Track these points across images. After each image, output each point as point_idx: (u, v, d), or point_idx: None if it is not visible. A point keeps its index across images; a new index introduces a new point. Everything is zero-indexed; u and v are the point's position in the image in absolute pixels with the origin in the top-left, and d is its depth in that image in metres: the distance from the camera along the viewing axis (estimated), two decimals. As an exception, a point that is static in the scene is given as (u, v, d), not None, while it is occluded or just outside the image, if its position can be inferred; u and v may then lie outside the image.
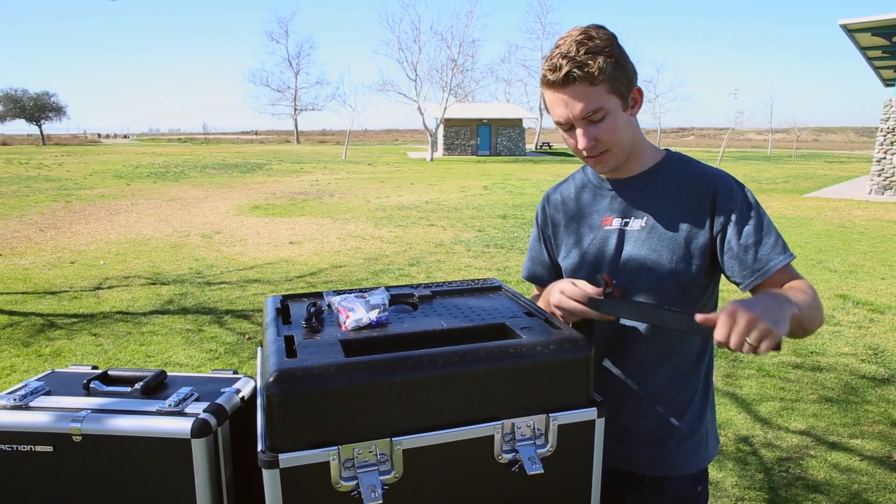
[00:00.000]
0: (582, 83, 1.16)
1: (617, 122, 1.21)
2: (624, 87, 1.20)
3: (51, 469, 1.13)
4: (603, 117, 1.19)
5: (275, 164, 28.39)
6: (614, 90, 1.18)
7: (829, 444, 3.27)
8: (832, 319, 5.44)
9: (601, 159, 1.25)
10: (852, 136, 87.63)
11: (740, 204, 1.23)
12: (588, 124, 1.20)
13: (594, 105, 1.17)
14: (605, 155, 1.24)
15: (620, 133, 1.22)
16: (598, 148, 1.23)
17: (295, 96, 65.93)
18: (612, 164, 1.27)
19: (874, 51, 14.82)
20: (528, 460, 1.04)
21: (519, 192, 16.61)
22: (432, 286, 1.47)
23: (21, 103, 62.11)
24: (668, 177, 1.30)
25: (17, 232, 9.78)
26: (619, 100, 1.20)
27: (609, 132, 1.21)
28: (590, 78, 1.15)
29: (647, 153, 1.33)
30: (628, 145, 1.26)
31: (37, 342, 4.79)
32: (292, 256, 8.04)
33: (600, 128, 1.20)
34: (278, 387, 0.94)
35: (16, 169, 23.69)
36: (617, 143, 1.23)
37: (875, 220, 11.32)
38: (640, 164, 1.32)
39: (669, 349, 1.30)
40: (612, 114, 1.20)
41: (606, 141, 1.22)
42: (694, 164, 1.32)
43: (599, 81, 1.16)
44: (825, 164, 31.22)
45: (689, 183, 1.28)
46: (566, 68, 1.15)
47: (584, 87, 1.16)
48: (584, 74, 1.15)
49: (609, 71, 1.16)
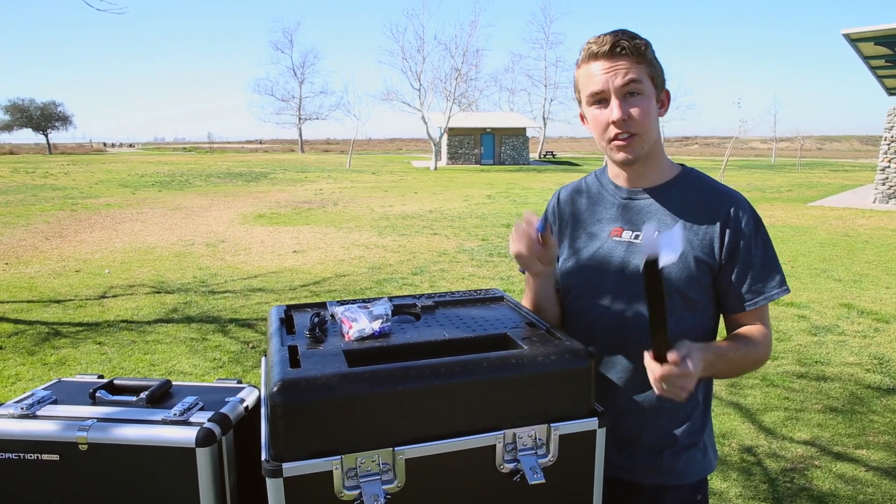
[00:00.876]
0: (628, 56, 1.20)
1: (650, 105, 1.23)
2: (659, 80, 1.24)
3: (57, 477, 1.14)
4: (640, 94, 1.21)
5: (279, 172, 28.51)
6: (652, 77, 1.22)
7: (835, 455, 3.26)
8: (836, 329, 5.42)
9: (628, 142, 1.23)
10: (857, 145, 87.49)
11: (751, 230, 1.25)
12: (625, 98, 1.21)
13: (636, 75, 1.20)
14: (633, 138, 1.23)
15: (651, 118, 1.23)
16: (628, 126, 1.22)
17: (299, 105, 66.28)
18: (637, 151, 1.25)
19: (877, 60, 14.82)
20: (529, 470, 1.04)
21: (522, 201, 16.64)
22: (435, 296, 1.48)
23: (28, 113, 62.60)
24: (683, 193, 1.30)
25: (22, 240, 9.83)
26: (654, 89, 1.23)
27: (642, 112, 1.21)
28: (637, 53, 1.20)
29: (664, 166, 1.33)
30: (653, 138, 1.26)
31: (42, 350, 4.81)
32: (296, 265, 8.06)
33: (636, 105, 1.21)
34: (282, 396, 0.95)
35: (22, 178, 23.85)
36: (646, 128, 1.23)
37: (880, 229, 11.29)
38: (658, 176, 1.32)
39: None
40: (648, 97, 1.22)
41: (638, 121, 1.21)
42: (710, 183, 1.32)
43: (643, 61, 1.21)
44: (829, 173, 31.18)
45: (704, 202, 1.29)
46: (613, 40, 1.20)
47: (629, 60, 1.20)
48: (632, 46, 1.19)
49: (650, 57, 1.22)
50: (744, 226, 1.25)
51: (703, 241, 1.26)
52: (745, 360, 1.25)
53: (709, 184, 1.32)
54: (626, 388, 1.32)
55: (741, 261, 1.25)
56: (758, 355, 1.26)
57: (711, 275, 1.27)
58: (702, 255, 1.25)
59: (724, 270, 1.26)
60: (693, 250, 1.25)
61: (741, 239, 1.25)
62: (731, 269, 1.25)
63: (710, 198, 1.29)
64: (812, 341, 5.10)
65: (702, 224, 1.26)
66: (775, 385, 4.17)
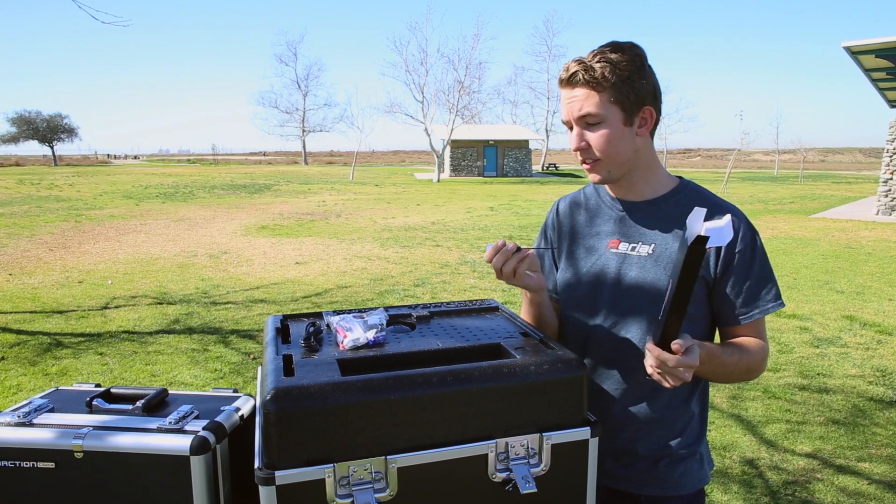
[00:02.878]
0: (584, 87, 1.21)
1: (611, 132, 1.23)
2: (630, 102, 1.22)
3: (52, 485, 1.15)
4: (598, 124, 1.23)
5: (282, 184, 28.62)
6: (617, 101, 1.21)
7: (837, 468, 3.24)
8: (839, 341, 5.40)
9: (592, 167, 1.28)
10: (859, 157, 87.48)
11: (747, 245, 1.25)
12: (585, 127, 1.24)
13: (590, 109, 1.21)
14: (596, 164, 1.27)
15: (613, 145, 1.24)
16: (588, 154, 1.26)
17: (303, 118, 66.66)
18: (602, 175, 1.29)
19: (878, 72, 14.86)
20: (521, 479, 1.05)
21: (525, 213, 16.66)
22: (430, 306, 1.49)
23: (34, 125, 63.06)
24: (680, 206, 1.30)
25: (27, 251, 9.88)
26: (621, 112, 1.22)
27: (601, 140, 1.23)
28: (592, 83, 1.20)
29: (661, 179, 1.33)
30: (624, 161, 1.27)
31: (43, 361, 4.82)
32: (298, 277, 8.08)
33: (593, 134, 1.24)
34: (275, 405, 0.96)
35: (27, 189, 23.99)
36: (609, 153, 1.25)
37: (882, 241, 11.27)
38: (653, 190, 1.33)
39: None
40: (609, 123, 1.22)
41: (597, 148, 1.24)
42: (707, 196, 1.32)
43: (602, 88, 1.20)
44: (832, 185, 31.17)
45: None
46: (573, 69, 1.21)
47: (585, 91, 1.21)
48: (588, 78, 1.20)
49: (613, 81, 1.20)
50: (739, 240, 1.25)
51: None
52: (738, 366, 1.25)
53: (706, 197, 1.32)
54: (622, 398, 1.33)
55: (736, 274, 1.25)
56: (751, 363, 1.26)
57: (706, 287, 1.27)
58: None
59: (718, 283, 1.26)
60: None
61: (737, 253, 1.25)
62: (726, 283, 1.26)
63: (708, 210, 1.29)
64: (814, 353, 5.08)
65: None
66: (777, 397, 4.15)
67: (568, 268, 1.40)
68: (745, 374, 1.28)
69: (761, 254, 1.27)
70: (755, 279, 1.26)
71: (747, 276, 1.25)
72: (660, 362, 1.07)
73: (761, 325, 1.29)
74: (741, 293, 1.25)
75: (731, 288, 1.26)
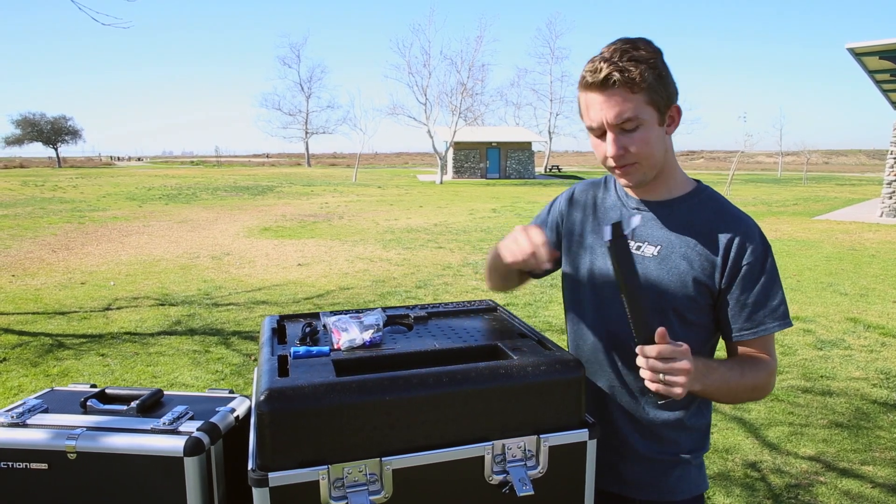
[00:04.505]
0: (621, 88, 1.13)
1: (650, 134, 1.17)
2: (663, 101, 1.17)
3: (45, 486, 1.14)
4: (636, 127, 1.16)
5: (285, 186, 28.66)
6: (652, 102, 1.16)
7: (840, 471, 3.21)
8: (842, 343, 5.37)
9: (628, 171, 1.21)
10: (863, 159, 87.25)
11: (756, 259, 1.21)
12: (620, 132, 1.17)
13: (630, 113, 1.14)
14: (632, 167, 1.20)
15: (652, 147, 1.19)
16: (626, 159, 1.19)
17: (306, 120, 66.77)
18: (638, 178, 1.23)
19: (882, 74, 14.82)
20: (518, 482, 1.04)
21: (528, 214, 16.64)
22: (428, 307, 1.48)
23: (39, 127, 63.32)
24: (693, 211, 1.27)
25: (30, 253, 9.90)
26: (656, 113, 1.17)
27: (640, 143, 1.17)
28: (629, 84, 1.13)
29: (677, 181, 1.30)
30: (659, 162, 1.22)
31: (45, 362, 4.82)
32: (300, 278, 8.07)
33: (632, 138, 1.17)
34: (269, 405, 0.95)
35: (31, 191, 24.07)
36: (647, 156, 1.19)
37: (886, 243, 11.22)
38: (668, 191, 1.29)
39: None
40: (647, 125, 1.17)
41: (636, 152, 1.18)
42: (722, 205, 1.27)
43: (639, 90, 1.14)
44: (836, 187, 31.07)
45: (713, 223, 1.24)
46: (606, 71, 1.13)
47: (622, 93, 1.14)
48: (624, 80, 1.13)
49: (650, 81, 1.14)
50: (749, 253, 1.20)
51: (704, 263, 1.22)
52: (742, 383, 1.20)
53: (722, 204, 1.27)
54: (621, 400, 1.31)
55: (742, 287, 1.21)
56: (757, 381, 1.22)
57: (711, 297, 1.24)
58: (701, 277, 1.22)
59: (722, 296, 1.23)
60: (693, 270, 1.22)
61: (744, 267, 1.20)
62: (732, 294, 1.22)
63: (720, 220, 1.24)
64: (817, 356, 5.05)
65: (706, 245, 1.23)
66: (780, 400, 4.13)
67: (573, 262, 1.37)
68: (751, 393, 1.24)
69: (771, 269, 1.22)
70: (762, 294, 1.21)
71: (753, 293, 1.21)
72: (653, 355, 1.05)
73: (769, 342, 1.25)
74: (746, 307, 1.21)
75: (735, 300, 1.22)
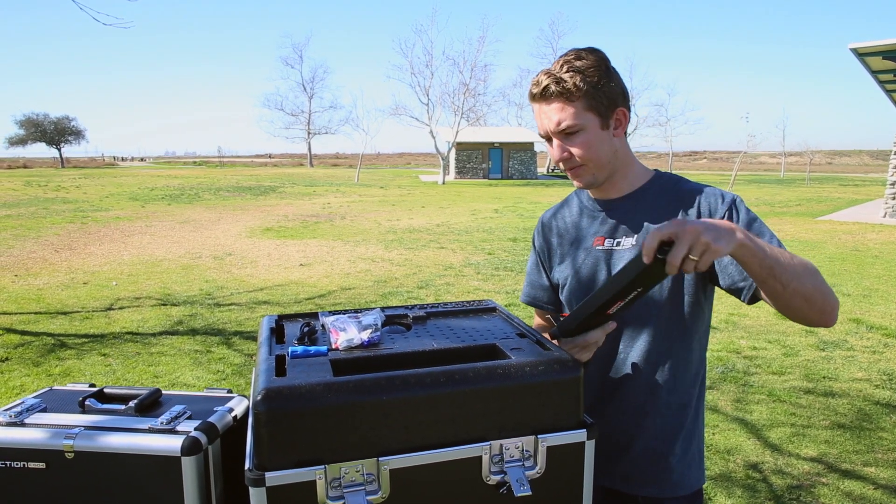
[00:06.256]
0: (558, 98, 1.23)
1: (591, 138, 1.25)
2: (604, 106, 1.24)
3: (43, 485, 1.14)
4: (577, 132, 1.24)
5: (288, 186, 28.68)
6: (592, 108, 1.23)
7: (842, 472, 3.20)
8: (845, 344, 5.36)
9: (577, 172, 1.30)
10: (867, 160, 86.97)
11: (728, 208, 1.23)
12: (564, 138, 1.26)
13: (569, 121, 1.23)
14: (581, 169, 1.29)
15: (595, 150, 1.26)
16: (571, 162, 1.28)
17: (308, 120, 66.83)
18: (588, 179, 1.31)
19: (885, 74, 14.78)
20: (516, 482, 1.03)
21: (530, 215, 16.63)
22: (427, 307, 1.48)
23: (42, 127, 63.50)
24: (657, 196, 1.32)
25: (32, 253, 9.92)
26: (597, 118, 1.25)
27: (583, 147, 1.26)
28: (566, 94, 1.22)
29: (636, 174, 1.36)
30: (607, 163, 1.29)
31: (47, 362, 4.83)
32: (302, 278, 8.08)
33: (574, 142, 1.26)
34: (266, 405, 0.95)
35: (34, 191, 24.13)
36: (590, 158, 1.27)
37: (890, 244, 11.18)
38: (629, 185, 1.35)
39: (666, 372, 1.29)
40: (587, 130, 1.25)
41: (580, 156, 1.27)
42: (682, 183, 1.34)
43: (576, 98, 1.22)
44: (839, 188, 30.99)
45: (677, 202, 1.29)
46: (545, 83, 1.23)
47: (560, 103, 1.23)
48: (560, 90, 1.22)
49: (586, 89, 1.21)
50: (714, 201, 1.24)
51: None
52: (793, 260, 1.07)
53: (683, 182, 1.34)
54: (619, 397, 1.32)
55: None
56: (807, 263, 1.10)
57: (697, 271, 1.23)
58: None
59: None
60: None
61: (715, 214, 1.22)
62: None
63: (684, 195, 1.30)
64: (820, 356, 5.04)
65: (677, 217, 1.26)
66: (782, 400, 4.12)
67: (563, 277, 1.42)
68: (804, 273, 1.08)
69: (746, 215, 1.22)
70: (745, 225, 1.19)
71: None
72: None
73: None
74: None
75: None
